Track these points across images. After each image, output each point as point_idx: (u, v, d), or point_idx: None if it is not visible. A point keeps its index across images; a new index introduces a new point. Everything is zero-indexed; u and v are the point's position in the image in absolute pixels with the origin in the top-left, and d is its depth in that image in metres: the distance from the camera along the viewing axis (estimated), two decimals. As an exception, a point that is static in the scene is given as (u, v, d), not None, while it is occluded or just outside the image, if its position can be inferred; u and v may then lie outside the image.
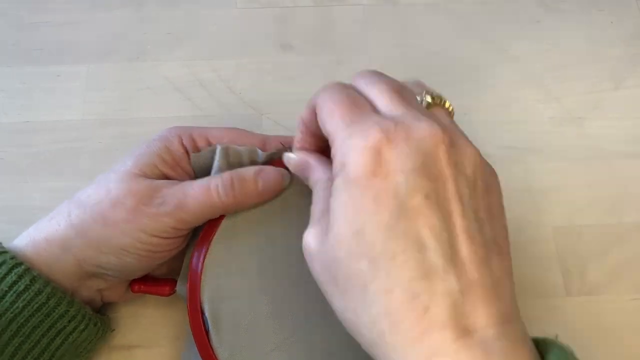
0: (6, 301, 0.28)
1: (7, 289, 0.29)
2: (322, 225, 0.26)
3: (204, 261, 0.32)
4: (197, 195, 0.30)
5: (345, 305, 0.25)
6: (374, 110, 0.26)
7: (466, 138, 0.26)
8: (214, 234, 0.32)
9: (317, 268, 0.26)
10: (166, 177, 0.32)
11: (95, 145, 0.41)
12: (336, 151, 0.25)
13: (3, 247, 0.30)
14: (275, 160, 0.34)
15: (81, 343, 0.32)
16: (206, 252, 0.32)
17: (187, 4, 0.47)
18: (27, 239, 0.31)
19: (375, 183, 0.24)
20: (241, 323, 0.31)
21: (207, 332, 0.31)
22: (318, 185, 0.28)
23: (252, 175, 0.32)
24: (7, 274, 0.29)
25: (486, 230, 0.25)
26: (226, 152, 0.33)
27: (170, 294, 0.34)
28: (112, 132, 0.42)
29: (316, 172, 0.29)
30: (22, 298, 0.29)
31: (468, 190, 0.25)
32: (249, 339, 0.31)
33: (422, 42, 0.46)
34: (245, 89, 0.44)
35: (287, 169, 0.33)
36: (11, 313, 0.28)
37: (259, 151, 0.33)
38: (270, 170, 0.32)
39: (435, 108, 0.28)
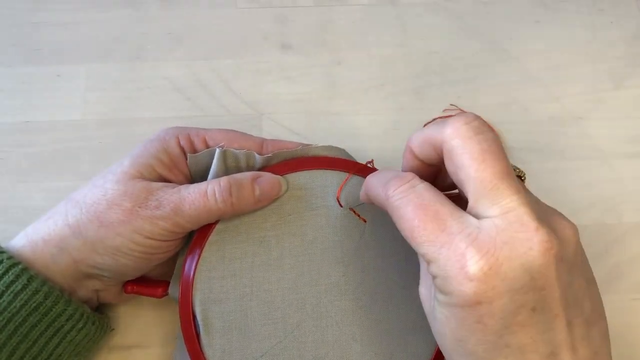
0: (3, 301, 0.28)
1: (4, 288, 0.29)
2: (429, 286, 0.26)
3: (197, 264, 0.32)
4: (194, 199, 0.30)
5: None
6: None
7: (560, 216, 0.25)
8: (208, 237, 0.32)
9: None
10: (163, 179, 0.32)
11: (95, 145, 0.41)
12: (438, 256, 0.23)
13: (0, 247, 0.30)
14: (271, 164, 0.34)
15: (80, 342, 0.32)
16: (199, 254, 0.32)
17: (187, 4, 0.47)
18: (24, 239, 0.31)
19: (479, 309, 0.23)
20: (232, 327, 0.31)
21: (197, 334, 0.31)
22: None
23: (249, 181, 0.32)
24: (4, 274, 0.29)
25: (586, 307, 0.24)
26: (224, 155, 0.33)
27: (163, 296, 0.34)
28: (112, 132, 0.42)
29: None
30: (19, 298, 0.29)
31: (569, 279, 0.24)
32: (240, 342, 0.31)
33: (422, 42, 0.46)
34: (245, 89, 0.44)
35: (283, 174, 0.33)
36: (8, 313, 0.28)
37: (257, 155, 0.33)
38: (267, 176, 0.32)
39: None
